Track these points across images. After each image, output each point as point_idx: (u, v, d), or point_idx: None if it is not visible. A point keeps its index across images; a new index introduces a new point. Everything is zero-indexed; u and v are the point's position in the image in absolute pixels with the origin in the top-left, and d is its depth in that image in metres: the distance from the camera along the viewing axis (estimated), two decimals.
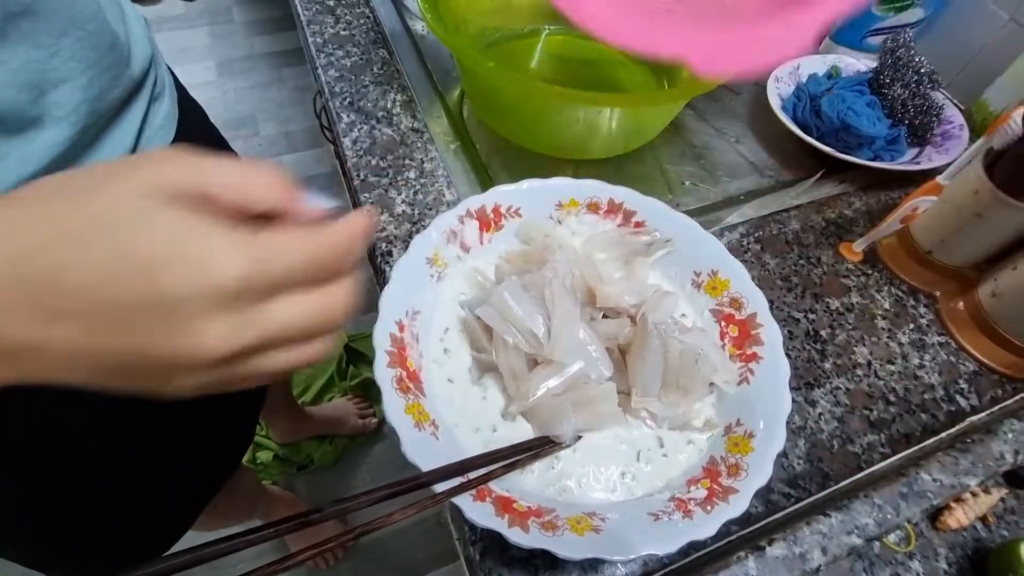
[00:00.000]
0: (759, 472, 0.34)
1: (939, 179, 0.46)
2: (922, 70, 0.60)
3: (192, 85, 0.56)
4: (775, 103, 0.63)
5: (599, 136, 0.57)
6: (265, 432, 1.21)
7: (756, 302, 0.40)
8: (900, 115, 0.60)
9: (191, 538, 1.15)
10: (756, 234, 0.56)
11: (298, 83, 1.96)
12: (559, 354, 0.37)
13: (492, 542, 0.38)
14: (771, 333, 0.39)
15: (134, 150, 0.36)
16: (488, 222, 0.44)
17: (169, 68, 0.49)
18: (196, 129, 0.48)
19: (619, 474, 0.36)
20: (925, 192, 0.47)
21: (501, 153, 0.54)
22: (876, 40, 0.69)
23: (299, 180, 0.21)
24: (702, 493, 0.34)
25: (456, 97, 0.65)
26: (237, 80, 1.97)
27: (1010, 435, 0.37)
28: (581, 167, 0.60)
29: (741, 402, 0.38)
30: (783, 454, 0.43)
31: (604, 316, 0.41)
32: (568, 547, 0.31)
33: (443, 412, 0.37)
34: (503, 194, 0.44)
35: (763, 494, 0.41)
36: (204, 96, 0.56)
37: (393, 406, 0.34)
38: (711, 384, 0.39)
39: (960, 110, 0.63)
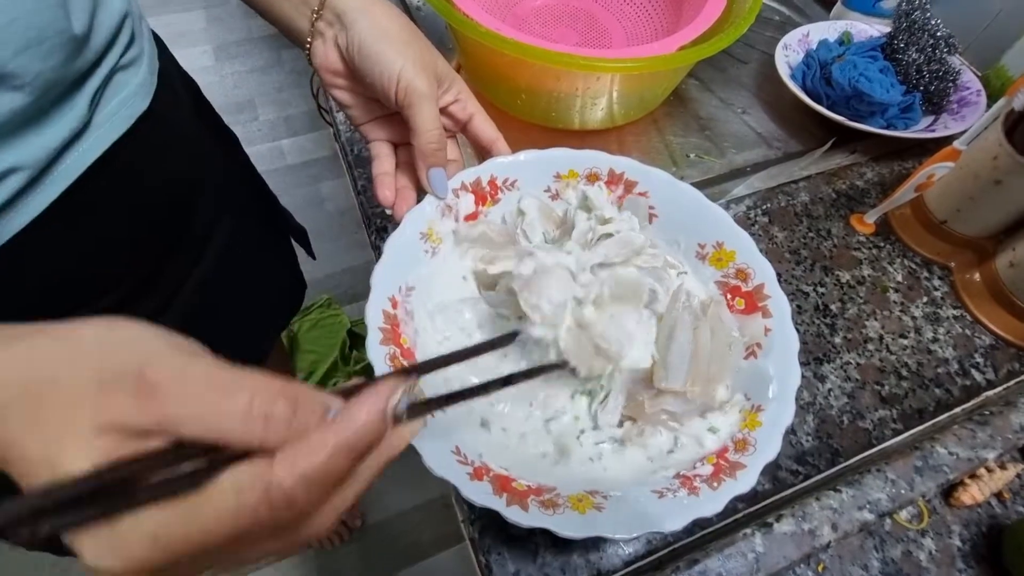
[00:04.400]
0: (767, 447, 0.32)
1: (956, 144, 0.44)
2: (938, 34, 0.57)
3: (190, 70, 0.55)
4: (783, 71, 0.61)
5: (598, 104, 0.55)
6: None
7: (763, 273, 0.39)
8: (915, 81, 0.58)
9: None
10: (763, 206, 0.54)
11: (296, 66, 1.93)
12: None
13: (491, 520, 0.37)
14: (779, 304, 0.38)
15: (91, 118, 0.35)
16: (484, 195, 0.43)
17: (159, 39, 0.47)
18: (181, 103, 0.46)
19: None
20: (941, 158, 0.45)
21: (499, 126, 0.52)
22: (889, 4, 0.67)
23: (300, 165, 0.19)
24: (708, 469, 0.33)
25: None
26: (235, 64, 1.94)
27: None
28: (582, 140, 0.58)
29: (748, 376, 0.37)
30: (791, 430, 0.42)
31: None
32: (569, 525, 0.30)
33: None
34: (499, 165, 0.43)
35: (771, 471, 0.40)
36: (202, 81, 0.54)
37: None
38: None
39: (978, 76, 0.61)
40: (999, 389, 0.43)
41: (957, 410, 0.42)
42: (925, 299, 0.49)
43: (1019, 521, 0.38)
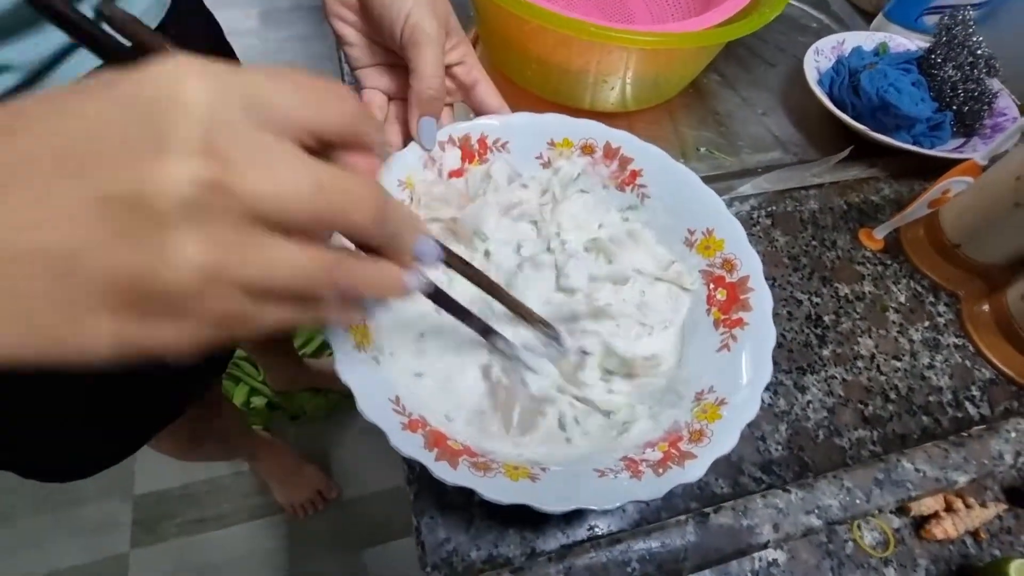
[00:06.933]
0: (723, 440, 0.30)
1: (976, 159, 0.42)
2: (979, 52, 0.54)
3: (231, 32, 0.55)
4: (811, 76, 0.58)
5: (610, 83, 0.53)
6: (262, 378, 1.22)
7: (749, 264, 0.37)
8: (948, 99, 0.55)
9: (178, 470, 1.15)
10: (769, 209, 0.52)
11: None
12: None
13: (430, 483, 0.35)
14: (761, 298, 0.35)
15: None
16: (472, 153, 0.41)
17: None
18: (194, 35, 0.46)
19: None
20: (959, 172, 0.42)
21: (514, 101, 0.52)
22: (932, 20, 0.64)
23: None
24: (657, 455, 0.31)
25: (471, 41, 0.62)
26: (280, 30, 1.97)
27: (1013, 434, 0.33)
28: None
29: (717, 368, 0.35)
30: (761, 438, 0.40)
31: None
32: (496, 489, 0.28)
33: (391, 341, 0.35)
34: (491, 125, 0.41)
35: (733, 475, 0.38)
36: (244, 44, 0.55)
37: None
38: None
39: (1016, 104, 0.58)
40: None
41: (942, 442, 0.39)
42: (927, 323, 0.46)
43: (991, 564, 0.35)
